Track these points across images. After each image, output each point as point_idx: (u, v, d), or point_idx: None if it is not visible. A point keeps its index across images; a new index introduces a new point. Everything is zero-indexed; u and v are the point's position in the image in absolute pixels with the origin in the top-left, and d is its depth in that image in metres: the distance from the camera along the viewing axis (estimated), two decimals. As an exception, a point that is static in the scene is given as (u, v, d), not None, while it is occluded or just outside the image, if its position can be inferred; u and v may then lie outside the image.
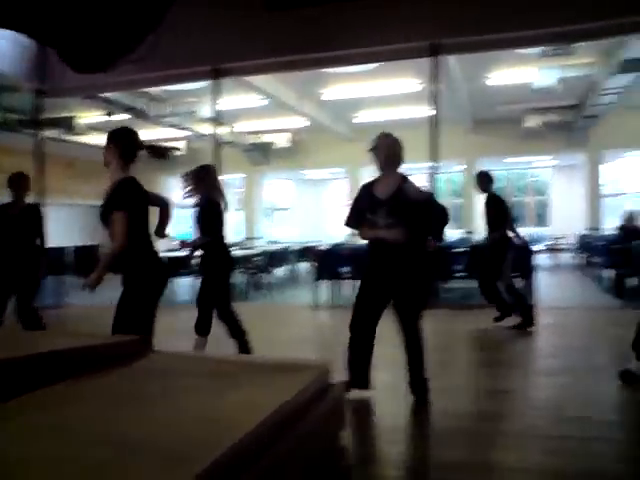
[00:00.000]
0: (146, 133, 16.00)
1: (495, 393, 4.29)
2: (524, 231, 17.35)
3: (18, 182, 5.95)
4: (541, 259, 14.23)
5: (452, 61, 10.00)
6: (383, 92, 12.68)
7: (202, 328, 5.03)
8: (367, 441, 3.43)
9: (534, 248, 9.94)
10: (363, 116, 15.13)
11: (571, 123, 15.35)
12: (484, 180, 7.49)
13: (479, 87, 12.47)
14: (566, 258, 15.46)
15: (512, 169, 20.00)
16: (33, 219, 6.03)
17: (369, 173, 18.11)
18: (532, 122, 15.00)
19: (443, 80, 9.97)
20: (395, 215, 3.77)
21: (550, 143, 16.32)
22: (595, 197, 16.32)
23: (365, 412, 3.92)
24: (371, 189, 4.00)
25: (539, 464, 2.98)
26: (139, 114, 12.56)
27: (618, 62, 9.93)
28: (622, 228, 9.94)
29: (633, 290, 8.58)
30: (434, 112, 8.62)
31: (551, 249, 16.69)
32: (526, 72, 11.21)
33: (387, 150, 4.01)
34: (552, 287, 10.47)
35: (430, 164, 8.88)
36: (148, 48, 4.26)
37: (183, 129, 14.65)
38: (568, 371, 4.89)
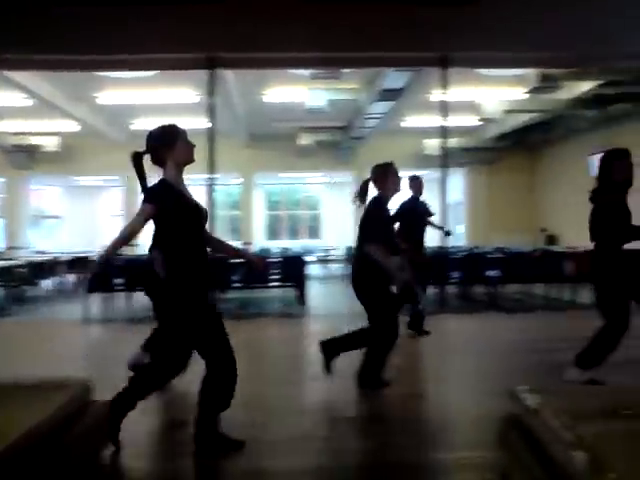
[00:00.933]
0: None
1: (265, 400, 4.42)
2: (298, 243, 18.33)
3: None
4: (313, 269, 15.07)
5: (229, 76, 10.22)
6: (161, 100, 12.49)
7: None
8: (137, 457, 3.34)
9: (307, 259, 10.49)
10: (140, 123, 14.72)
11: (340, 143, 16.60)
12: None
13: (256, 103, 12.90)
14: (336, 268, 16.53)
15: (288, 184, 20.97)
16: None
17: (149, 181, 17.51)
18: (305, 140, 15.90)
19: (220, 94, 10.16)
20: None
21: (321, 160, 17.44)
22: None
23: (134, 427, 3.82)
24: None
25: (304, 465, 3.13)
26: None
27: (378, 90, 11.02)
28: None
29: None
30: (210, 125, 8.74)
31: (322, 260, 17.76)
32: (299, 92, 11.89)
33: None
34: (322, 296, 11.17)
35: (207, 176, 8.98)
36: None
37: None
38: (334, 375, 5.20)
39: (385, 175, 4.60)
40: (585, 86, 11.02)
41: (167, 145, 3.20)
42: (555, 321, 7.88)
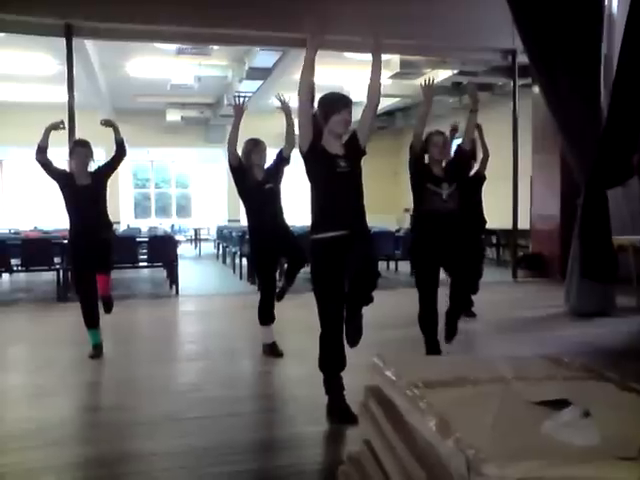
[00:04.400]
0: None
1: (136, 381, 4.32)
2: (168, 222, 17.87)
3: None
4: (184, 249, 14.79)
5: (89, 45, 9.69)
6: (16, 68, 11.59)
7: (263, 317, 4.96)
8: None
9: (177, 238, 10.27)
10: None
11: (209, 120, 16.32)
12: None
13: (119, 76, 12.33)
14: (207, 247, 16.29)
15: (156, 160, 20.26)
16: None
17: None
18: (173, 116, 15.47)
19: (81, 64, 9.61)
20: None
21: (190, 137, 17.08)
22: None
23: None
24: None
25: (174, 447, 3.09)
26: None
27: (247, 69, 10.97)
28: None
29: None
30: (70, 96, 8.26)
31: (193, 239, 17.47)
32: (165, 67, 11.53)
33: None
34: (193, 276, 10.98)
35: (68, 150, 8.48)
36: None
37: None
38: (206, 355, 5.17)
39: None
40: (443, 74, 11.65)
41: (323, 118, 3.45)
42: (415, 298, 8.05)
